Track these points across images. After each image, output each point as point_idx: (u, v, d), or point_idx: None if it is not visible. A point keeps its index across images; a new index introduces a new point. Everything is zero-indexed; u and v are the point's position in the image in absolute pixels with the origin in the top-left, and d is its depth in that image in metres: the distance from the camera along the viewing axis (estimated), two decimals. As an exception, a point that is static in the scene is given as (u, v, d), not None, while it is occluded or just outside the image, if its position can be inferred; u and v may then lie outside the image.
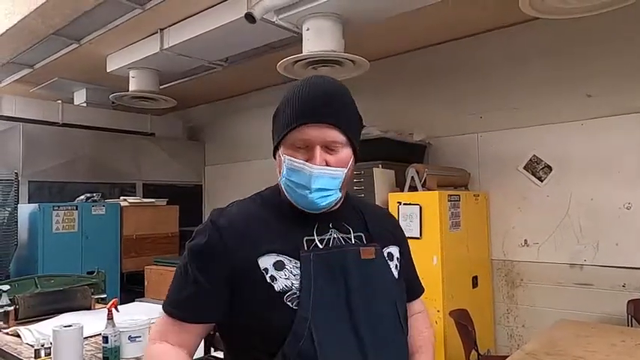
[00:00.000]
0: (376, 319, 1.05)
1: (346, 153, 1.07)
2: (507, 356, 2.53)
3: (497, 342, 3.98)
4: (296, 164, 1.03)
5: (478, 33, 4.13)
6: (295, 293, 1.00)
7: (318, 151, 1.03)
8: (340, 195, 1.08)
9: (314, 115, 1.03)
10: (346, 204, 1.15)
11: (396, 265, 1.16)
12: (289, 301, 1.00)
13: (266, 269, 1.01)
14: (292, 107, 1.04)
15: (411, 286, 1.25)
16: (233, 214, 1.08)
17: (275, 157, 1.12)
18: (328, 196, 1.05)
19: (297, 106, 1.04)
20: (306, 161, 1.03)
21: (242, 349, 1.06)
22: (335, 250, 1.07)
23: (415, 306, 1.29)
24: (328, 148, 1.04)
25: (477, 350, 3.03)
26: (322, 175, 1.03)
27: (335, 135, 1.04)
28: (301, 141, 1.03)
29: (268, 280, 1.01)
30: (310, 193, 1.03)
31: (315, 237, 1.07)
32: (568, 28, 3.59)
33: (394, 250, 1.18)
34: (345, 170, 1.06)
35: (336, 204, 1.10)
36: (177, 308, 1.06)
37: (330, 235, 1.09)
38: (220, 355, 1.89)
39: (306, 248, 1.05)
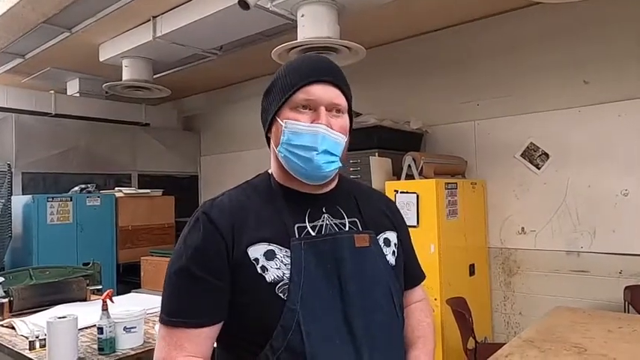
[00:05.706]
0: (371, 310, 1.02)
1: (346, 120, 1.07)
2: (504, 344, 2.53)
3: (495, 329, 3.99)
4: (300, 126, 1.01)
5: (474, 20, 4.08)
6: (287, 284, 0.96)
7: (323, 111, 1.02)
8: (341, 165, 1.06)
9: (320, 74, 1.03)
10: (340, 186, 1.13)
11: (394, 252, 1.12)
12: (281, 292, 0.96)
13: (256, 259, 0.98)
14: (294, 72, 1.04)
15: (411, 273, 1.21)
16: (225, 204, 1.04)
17: (269, 134, 1.09)
18: (333, 162, 1.03)
19: (301, 69, 1.04)
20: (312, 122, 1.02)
21: (232, 342, 1.02)
22: (328, 238, 1.03)
23: (415, 294, 1.24)
24: (331, 112, 1.04)
25: (474, 338, 3.03)
26: (328, 135, 1.01)
27: (339, 96, 1.05)
28: (306, 101, 1.02)
29: (259, 270, 0.97)
30: (317, 154, 1.00)
31: (307, 224, 1.04)
32: (564, 14, 3.56)
33: (391, 236, 1.14)
34: (346, 138, 1.06)
35: (331, 182, 1.09)
36: (188, 315, 0.96)
37: (323, 221, 1.05)
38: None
39: (297, 236, 1.01)
